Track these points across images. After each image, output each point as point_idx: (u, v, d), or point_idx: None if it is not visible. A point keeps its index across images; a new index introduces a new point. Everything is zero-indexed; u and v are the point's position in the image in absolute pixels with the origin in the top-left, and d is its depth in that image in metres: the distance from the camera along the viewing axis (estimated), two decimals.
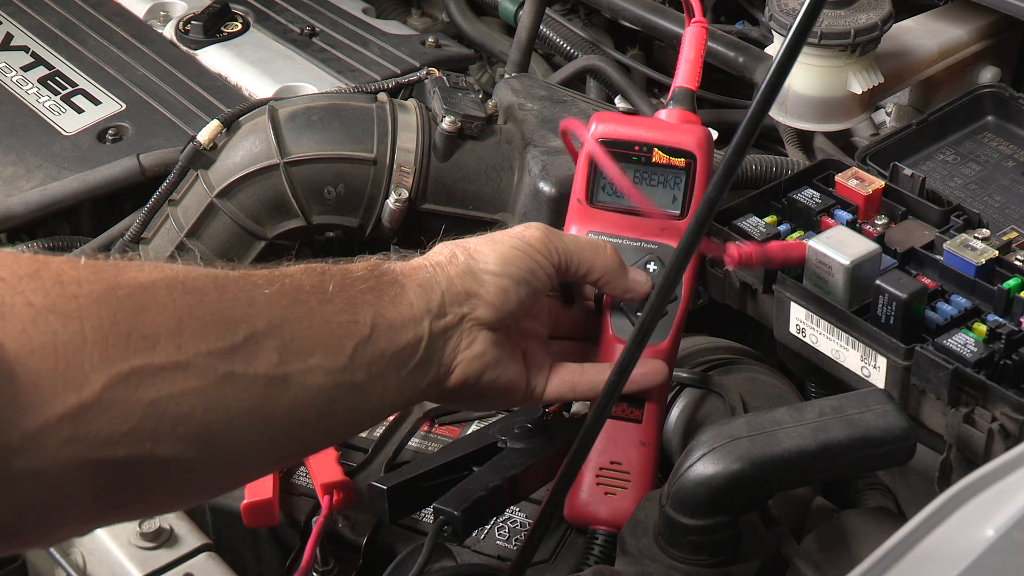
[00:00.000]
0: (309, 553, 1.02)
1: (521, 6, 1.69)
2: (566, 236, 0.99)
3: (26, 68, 1.69)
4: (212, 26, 1.72)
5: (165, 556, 1.06)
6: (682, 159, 1.03)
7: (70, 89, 1.64)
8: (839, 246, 0.99)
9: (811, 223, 1.07)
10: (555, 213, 1.23)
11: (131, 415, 0.70)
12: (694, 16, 1.09)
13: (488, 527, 1.07)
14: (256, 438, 0.79)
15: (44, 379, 0.67)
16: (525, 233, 0.96)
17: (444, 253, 0.94)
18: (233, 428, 0.76)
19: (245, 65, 1.66)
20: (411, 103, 1.35)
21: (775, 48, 1.42)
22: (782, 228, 1.07)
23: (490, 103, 1.35)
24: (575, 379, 0.99)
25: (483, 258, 0.94)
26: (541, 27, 1.67)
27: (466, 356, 0.91)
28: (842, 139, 1.50)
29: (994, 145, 1.23)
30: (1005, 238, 1.03)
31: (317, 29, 1.74)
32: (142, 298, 0.73)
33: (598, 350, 1.04)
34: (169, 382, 0.72)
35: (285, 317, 0.80)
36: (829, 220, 1.06)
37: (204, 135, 1.33)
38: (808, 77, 1.35)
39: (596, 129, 1.05)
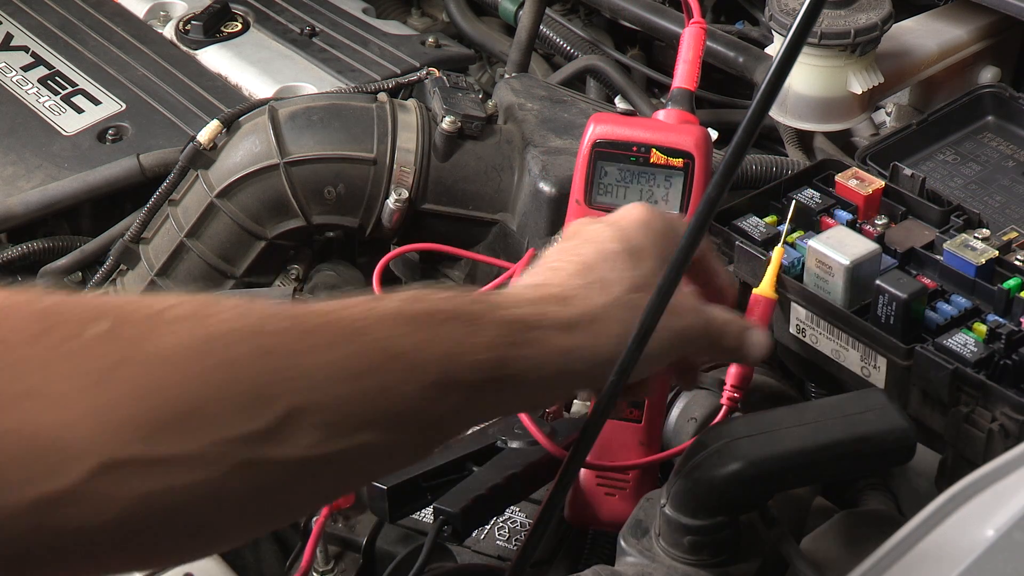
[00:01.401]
0: (309, 553, 1.02)
1: (521, 6, 1.69)
2: None
3: (26, 68, 1.69)
4: (212, 26, 1.72)
5: None
6: (680, 159, 1.03)
7: (70, 89, 1.64)
8: (839, 246, 0.99)
9: (811, 223, 1.07)
10: (555, 213, 1.23)
11: (108, 509, 0.60)
12: (692, 17, 1.09)
13: (488, 527, 1.07)
14: (247, 522, 0.67)
15: (12, 465, 0.58)
16: None
17: None
18: (225, 518, 0.64)
19: (245, 65, 1.66)
20: (411, 103, 1.35)
21: (775, 48, 1.42)
22: (782, 228, 1.07)
23: (490, 103, 1.35)
24: None
25: None
26: (541, 27, 1.67)
27: None
28: (842, 139, 1.50)
29: (994, 145, 1.23)
30: (1005, 238, 1.03)
31: (317, 29, 1.74)
32: (160, 374, 0.61)
33: None
34: (168, 476, 0.61)
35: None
36: (829, 220, 1.06)
37: (204, 135, 1.33)
38: (808, 77, 1.35)
39: (594, 130, 1.05)
